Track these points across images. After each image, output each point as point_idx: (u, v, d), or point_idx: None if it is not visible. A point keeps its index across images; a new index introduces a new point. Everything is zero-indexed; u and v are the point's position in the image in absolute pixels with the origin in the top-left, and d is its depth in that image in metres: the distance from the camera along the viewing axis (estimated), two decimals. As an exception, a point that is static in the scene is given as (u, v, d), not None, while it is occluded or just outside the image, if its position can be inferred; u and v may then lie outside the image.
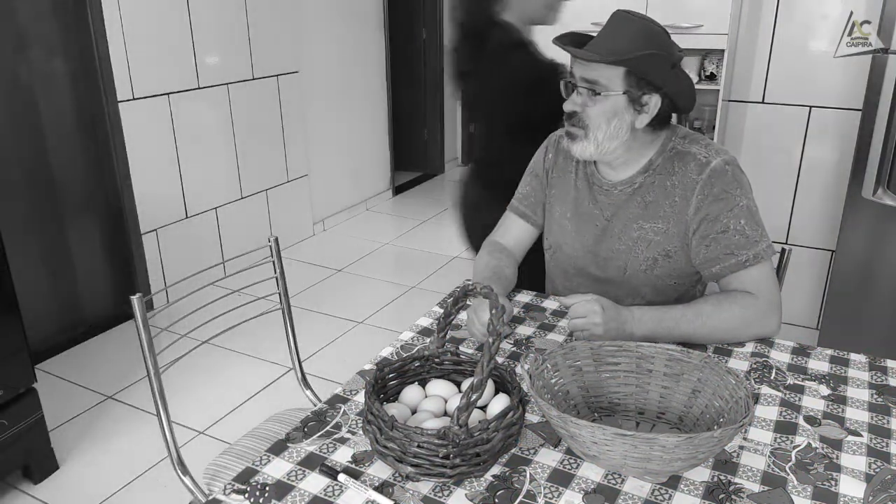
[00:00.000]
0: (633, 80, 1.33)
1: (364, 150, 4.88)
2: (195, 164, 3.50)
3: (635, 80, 1.33)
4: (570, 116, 1.40)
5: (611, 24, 1.35)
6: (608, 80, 1.33)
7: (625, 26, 1.33)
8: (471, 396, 0.97)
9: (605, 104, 1.35)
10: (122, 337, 3.16)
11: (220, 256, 3.70)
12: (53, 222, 3.02)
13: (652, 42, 1.31)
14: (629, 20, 1.33)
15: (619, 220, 1.48)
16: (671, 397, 1.15)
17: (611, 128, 1.36)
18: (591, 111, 1.36)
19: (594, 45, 1.34)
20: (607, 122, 1.36)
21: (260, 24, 3.72)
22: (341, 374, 2.05)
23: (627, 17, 1.34)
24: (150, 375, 1.38)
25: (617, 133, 1.37)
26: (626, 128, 1.37)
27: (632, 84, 1.33)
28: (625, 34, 1.32)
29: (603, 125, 1.36)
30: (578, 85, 1.36)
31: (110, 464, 2.30)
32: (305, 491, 0.99)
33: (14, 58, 2.77)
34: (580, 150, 1.41)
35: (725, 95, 2.60)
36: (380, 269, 3.94)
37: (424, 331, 1.47)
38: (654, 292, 1.51)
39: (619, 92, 1.33)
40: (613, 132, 1.37)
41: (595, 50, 1.32)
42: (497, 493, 0.98)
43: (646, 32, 1.32)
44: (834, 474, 1.01)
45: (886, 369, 1.29)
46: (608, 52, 1.30)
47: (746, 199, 1.39)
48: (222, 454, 1.49)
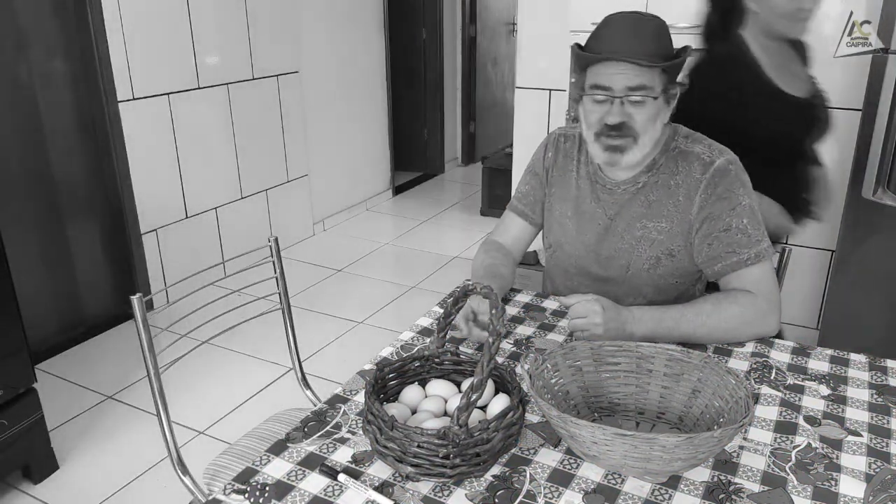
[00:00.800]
0: (665, 77, 1.34)
1: (364, 150, 4.88)
2: (195, 164, 3.50)
3: (667, 77, 1.34)
4: (618, 128, 1.35)
5: (627, 25, 1.32)
6: (652, 81, 1.32)
7: (641, 27, 1.32)
8: (471, 396, 0.97)
9: (651, 107, 1.34)
10: (122, 337, 3.16)
11: (220, 256, 3.70)
12: (53, 222, 3.02)
13: (669, 37, 1.34)
14: (642, 20, 1.33)
15: (622, 220, 1.49)
16: (671, 397, 1.15)
17: (655, 129, 1.37)
18: (639, 117, 1.34)
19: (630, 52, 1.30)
20: (653, 124, 1.36)
21: (260, 24, 3.72)
22: (341, 374, 2.05)
23: (640, 16, 1.33)
24: (150, 375, 1.38)
25: (657, 133, 1.38)
26: (661, 126, 1.38)
27: (664, 81, 1.34)
28: (647, 34, 1.32)
29: (650, 129, 1.36)
30: (620, 96, 1.32)
31: (110, 464, 2.30)
32: (305, 491, 0.99)
33: (14, 58, 2.77)
34: (629, 160, 1.38)
35: (725, 95, 2.60)
36: (380, 269, 3.94)
37: (424, 331, 1.47)
38: (655, 291, 1.51)
39: (661, 91, 1.34)
40: (655, 133, 1.38)
41: (634, 55, 1.30)
42: (497, 493, 0.98)
43: (662, 29, 1.34)
44: (834, 474, 1.01)
45: (886, 369, 1.29)
46: (649, 55, 1.30)
47: (749, 198, 1.40)
48: (222, 454, 1.49)
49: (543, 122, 3.16)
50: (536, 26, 3.04)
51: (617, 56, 1.30)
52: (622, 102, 1.33)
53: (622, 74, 1.31)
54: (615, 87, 1.32)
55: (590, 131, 1.40)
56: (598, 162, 1.46)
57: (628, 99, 1.32)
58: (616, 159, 1.38)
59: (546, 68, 3.08)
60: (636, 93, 1.31)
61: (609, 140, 1.37)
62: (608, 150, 1.38)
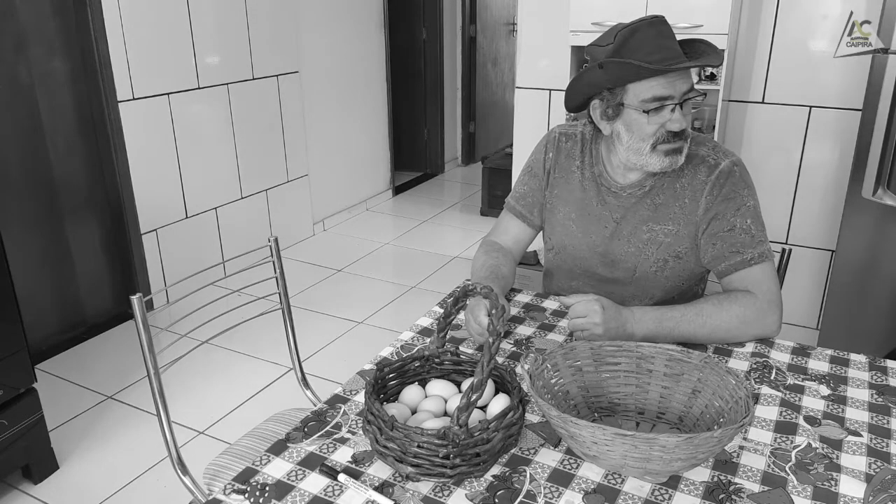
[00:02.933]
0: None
1: (364, 150, 4.88)
2: (195, 164, 3.50)
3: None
4: (681, 134, 1.35)
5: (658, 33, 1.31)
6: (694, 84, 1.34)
7: (667, 29, 1.32)
8: (471, 396, 0.97)
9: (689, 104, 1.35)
10: (122, 337, 3.16)
11: (220, 256, 3.70)
12: (53, 222, 3.02)
13: None
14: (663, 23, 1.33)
15: (629, 223, 1.49)
16: (671, 397, 1.15)
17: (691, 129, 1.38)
18: (689, 117, 1.36)
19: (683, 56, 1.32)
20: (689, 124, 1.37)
21: (260, 24, 3.72)
22: (341, 374, 2.05)
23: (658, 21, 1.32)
24: (150, 375, 1.37)
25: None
26: None
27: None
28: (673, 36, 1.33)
29: (689, 129, 1.37)
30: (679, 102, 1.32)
31: (110, 464, 2.30)
32: (305, 491, 0.99)
33: (14, 58, 2.77)
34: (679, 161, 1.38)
35: (725, 95, 2.60)
36: (380, 269, 3.94)
37: (424, 331, 1.47)
38: (663, 293, 1.51)
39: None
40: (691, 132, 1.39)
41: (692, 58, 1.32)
42: (497, 493, 0.98)
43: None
44: (834, 474, 1.01)
45: (886, 369, 1.29)
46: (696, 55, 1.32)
47: (753, 199, 1.42)
48: (222, 454, 1.49)
49: (543, 122, 3.16)
50: (536, 26, 3.04)
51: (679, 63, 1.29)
52: (681, 107, 1.33)
53: (682, 80, 1.31)
54: (676, 94, 1.31)
55: (645, 143, 1.36)
56: (657, 168, 1.38)
57: (684, 102, 1.33)
58: (676, 160, 1.37)
59: (546, 68, 3.08)
60: (689, 94, 1.32)
61: (669, 145, 1.35)
62: (669, 154, 1.36)
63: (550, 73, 3.08)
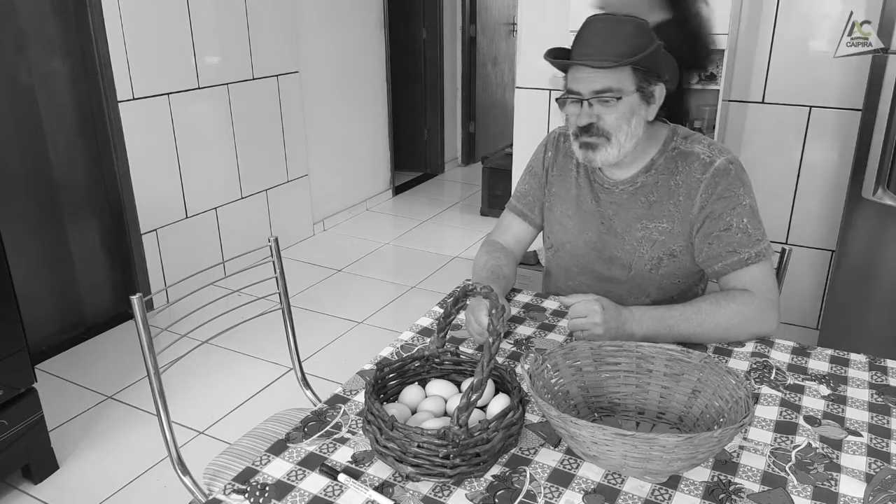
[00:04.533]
0: (640, 74, 1.35)
1: (364, 150, 4.88)
2: (195, 164, 3.50)
3: (642, 74, 1.35)
4: (587, 129, 1.38)
5: (597, 29, 1.34)
6: (620, 82, 1.33)
7: (617, 28, 1.33)
8: (471, 396, 0.97)
9: (622, 107, 1.35)
10: (122, 337, 3.16)
11: (220, 256, 3.70)
12: (53, 222, 3.02)
13: (648, 35, 1.34)
14: (619, 21, 1.34)
15: (622, 220, 1.49)
16: (671, 397, 1.15)
17: (631, 127, 1.38)
18: (609, 118, 1.36)
19: (597, 54, 1.32)
20: (627, 122, 1.37)
21: (260, 24, 3.72)
22: (341, 374, 2.05)
23: (615, 19, 1.34)
24: (150, 375, 1.38)
25: (636, 130, 1.39)
26: (642, 123, 1.39)
27: (640, 79, 1.35)
28: (619, 35, 1.32)
29: (624, 126, 1.37)
30: (587, 98, 1.35)
31: (110, 464, 2.30)
32: (305, 491, 0.99)
33: (14, 58, 2.77)
34: (603, 158, 1.40)
35: (725, 95, 2.60)
36: (380, 269, 3.94)
37: (424, 331, 1.47)
38: (659, 291, 1.51)
39: (633, 90, 1.35)
40: (633, 131, 1.39)
41: (600, 58, 1.31)
42: (497, 493, 0.98)
43: (640, 29, 1.34)
44: (834, 474, 1.01)
45: (886, 369, 1.29)
46: (615, 56, 1.31)
47: (749, 198, 1.41)
48: (222, 454, 1.49)
49: (543, 122, 3.15)
50: (536, 26, 3.04)
51: (578, 61, 1.33)
52: (590, 104, 1.36)
53: (587, 79, 1.34)
54: (583, 91, 1.36)
55: (570, 132, 1.44)
56: (581, 159, 1.46)
57: (597, 100, 1.35)
58: (590, 157, 1.41)
59: (546, 68, 3.07)
60: (605, 96, 1.34)
61: (583, 138, 1.40)
62: (582, 147, 1.42)
63: (550, 73, 3.07)
